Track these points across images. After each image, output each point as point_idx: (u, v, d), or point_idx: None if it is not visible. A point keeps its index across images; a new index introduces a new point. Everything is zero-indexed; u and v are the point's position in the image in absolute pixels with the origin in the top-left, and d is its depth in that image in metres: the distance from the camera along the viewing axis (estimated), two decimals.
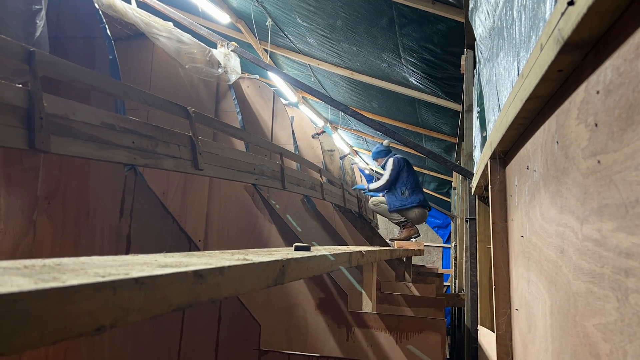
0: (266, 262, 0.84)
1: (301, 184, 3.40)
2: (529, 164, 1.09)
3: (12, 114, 1.26)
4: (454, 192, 7.41)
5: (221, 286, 0.68)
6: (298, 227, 3.38)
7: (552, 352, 0.88)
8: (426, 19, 3.37)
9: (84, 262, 0.63)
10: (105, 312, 0.47)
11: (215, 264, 0.70)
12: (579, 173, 0.71)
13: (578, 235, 0.72)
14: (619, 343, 0.56)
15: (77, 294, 0.44)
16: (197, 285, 0.63)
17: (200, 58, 3.04)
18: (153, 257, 0.79)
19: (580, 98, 0.71)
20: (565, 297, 0.79)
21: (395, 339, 2.14)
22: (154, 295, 0.54)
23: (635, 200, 0.51)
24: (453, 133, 5.84)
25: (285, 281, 0.92)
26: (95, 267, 0.57)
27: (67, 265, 0.58)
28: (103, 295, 0.47)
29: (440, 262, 11.27)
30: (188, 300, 0.61)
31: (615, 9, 0.54)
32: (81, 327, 0.45)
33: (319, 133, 5.31)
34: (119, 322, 0.49)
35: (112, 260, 0.68)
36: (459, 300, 4.43)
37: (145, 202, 1.85)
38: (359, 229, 5.08)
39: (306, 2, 3.79)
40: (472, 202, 2.51)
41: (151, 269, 0.60)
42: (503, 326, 1.36)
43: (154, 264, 0.68)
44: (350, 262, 1.56)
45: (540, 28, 0.84)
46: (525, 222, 1.14)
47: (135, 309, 0.51)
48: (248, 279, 0.77)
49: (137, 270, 0.57)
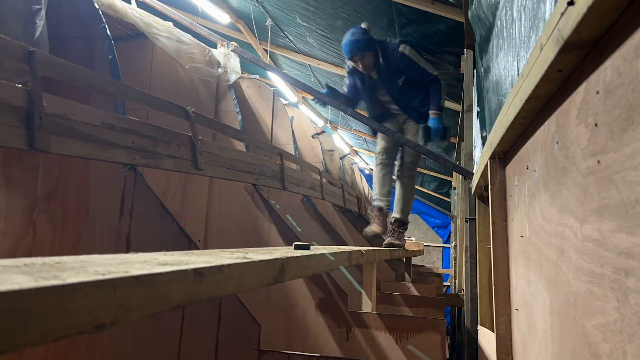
0: (266, 260, 0.84)
1: (301, 183, 3.40)
2: (529, 164, 1.09)
3: (12, 114, 1.26)
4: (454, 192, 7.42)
5: (221, 284, 0.68)
6: (298, 227, 3.38)
7: (552, 352, 0.88)
8: (426, 19, 3.37)
9: (84, 260, 0.63)
10: (105, 310, 0.48)
11: (215, 262, 0.70)
12: (578, 173, 0.71)
13: (578, 235, 0.72)
14: (619, 343, 0.56)
15: (78, 292, 0.44)
16: (197, 283, 0.63)
17: (200, 58, 3.04)
18: (153, 256, 0.79)
19: (580, 98, 0.71)
20: (565, 297, 0.79)
21: (395, 339, 2.14)
22: (154, 293, 0.55)
23: (635, 200, 0.51)
24: (453, 133, 5.84)
25: (285, 279, 0.92)
26: (95, 265, 0.57)
27: (67, 263, 0.58)
28: (103, 293, 0.47)
29: (440, 262, 11.27)
30: (188, 299, 0.61)
31: (615, 9, 0.54)
32: (81, 325, 0.45)
33: (319, 133, 5.31)
34: (119, 319, 0.49)
35: (112, 258, 0.68)
36: (459, 300, 4.43)
37: (145, 202, 1.85)
38: (359, 229, 5.08)
39: (306, 2, 3.79)
40: (471, 202, 2.51)
41: (151, 267, 0.60)
42: (503, 326, 1.36)
43: (153, 262, 0.68)
44: (350, 261, 1.56)
45: (540, 28, 0.84)
46: (525, 222, 1.14)
47: (135, 306, 0.51)
48: (248, 278, 0.77)
49: (137, 269, 0.57)
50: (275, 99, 3.83)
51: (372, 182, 4.17)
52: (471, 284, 2.56)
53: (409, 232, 11.41)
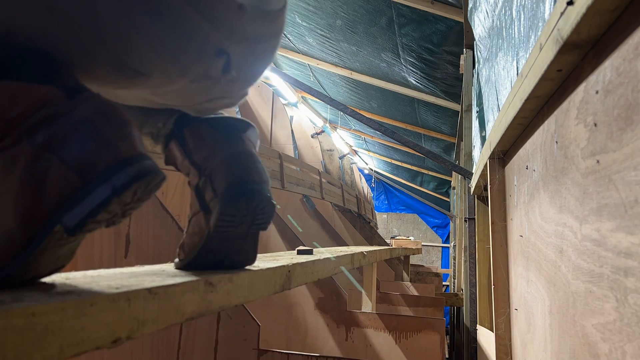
0: (273, 268, 0.85)
1: (300, 183, 3.40)
2: (528, 164, 1.09)
3: None
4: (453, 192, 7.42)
5: (231, 294, 0.68)
6: (299, 228, 3.38)
7: (551, 352, 0.88)
8: (425, 19, 3.37)
9: (93, 275, 0.63)
10: (121, 324, 0.47)
11: (224, 272, 0.70)
12: (578, 173, 0.71)
13: (577, 235, 0.72)
14: (618, 343, 0.56)
15: (94, 306, 0.44)
16: (208, 293, 0.63)
17: None
18: (160, 267, 0.79)
19: (579, 98, 0.71)
20: (564, 297, 0.79)
21: (395, 339, 2.15)
22: (167, 305, 0.54)
23: (634, 200, 0.51)
24: (452, 133, 5.84)
25: (291, 286, 0.92)
26: (106, 280, 0.58)
27: (78, 278, 0.59)
28: (118, 307, 0.47)
29: (439, 262, 11.27)
30: (200, 310, 0.61)
31: (614, 9, 0.55)
32: (99, 340, 0.45)
33: (318, 133, 5.31)
34: (134, 333, 0.49)
35: (120, 272, 0.68)
36: (458, 299, 4.43)
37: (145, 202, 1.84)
38: (358, 228, 5.08)
39: (305, 2, 3.79)
40: (471, 201, 2.51)
41: (162, 279, 0.60)
42: (502, 326, 1.36)
43: (162, 274, 0.68)
44: (353, 263, 1.56)
45: (539, 28, 0.84)
46: (525, 222, 1.14)
47: (150, 319, 0.51)
48: (256, 286, 0.77)
49: (149, 281, 0.57)
50: (275, 98, 3.83)
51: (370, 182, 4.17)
52: (470, 283, 2.56)
53: (409, 231, 11.43)
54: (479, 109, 2.03)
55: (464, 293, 3.08)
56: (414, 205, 11.24)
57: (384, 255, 2.94)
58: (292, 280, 0.93)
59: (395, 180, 10.25)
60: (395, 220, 11.69)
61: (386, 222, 11.57)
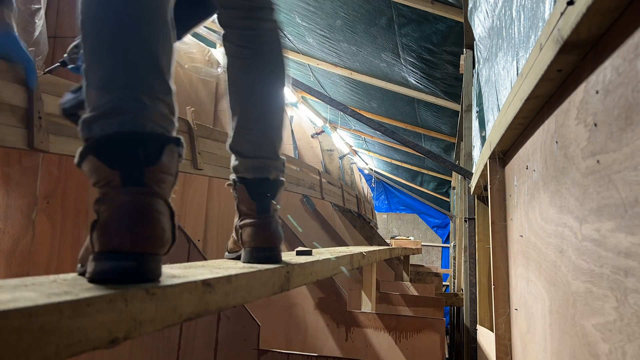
0: (271, 269, 0.85)
1: (300, 183, 3.40)
2: (528, 164, 1.09)
3: (11, 114, 1.26)
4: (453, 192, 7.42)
5: (229, 295, 0.68)
6: (299, 228, 3.38)
7: (551, 352, 0.88)
8: (425, 19, 3.37)
9: None
10: (118, 324, 0.47)
11: (222, 273, 0.70)
12: (578, 173, 0.71)
13: (577, 235, 0.72)
14: (618, 343, 0.56)
15: (91, 307, 0.44)
16: (206, 294, 0.63)
17: (200, 58, 3.04)
18: None
19: (579, 98, 0.71)
20: (564, 297, 0.79)
21: (395, 339, 2.15)
22: (165, 305, 0.54)
23: (634, 200, 0.51)
24: (452, 133, 5.84)
25: (290, 287, 0.92)
26: None
27: (76, 279, 0.58)
28: (116, 307, 0.47)
29: (439, 262, 11.27)
30: (198, 310, 0.61)
31: (614, 9, 0.54)
32: (96, 340, 0.44)
33: (318, 133, 5.31)
34: (132, 334, 0.49)
35: None
36: (458, 299, 4.43)
37: None
38: (358, 228, 5.08)
39: (305, 2, 3.79)
40: (471, 201, 2.51)
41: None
42: (502, 326, 1.36)
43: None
44: (352, 264, 1.56)
45: (539, 28, 0.84)
46: (525, 222, 1.14)
47: (147, 320, 0.51)
48: (255, 287, 0.77)
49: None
50: None
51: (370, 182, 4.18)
52: (470, 283, 2.56)
53: (409, 231, 11.42)
54: (479, 109, 2.03)
55: (464, 293, 3.08)
56: (414, 205, 11.24)
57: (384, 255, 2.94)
58: (291, 281, 0.92)
59: (395, 180, 10.25)
60: (395, 220, 11.69)
61: (386, 222, 11.57)
